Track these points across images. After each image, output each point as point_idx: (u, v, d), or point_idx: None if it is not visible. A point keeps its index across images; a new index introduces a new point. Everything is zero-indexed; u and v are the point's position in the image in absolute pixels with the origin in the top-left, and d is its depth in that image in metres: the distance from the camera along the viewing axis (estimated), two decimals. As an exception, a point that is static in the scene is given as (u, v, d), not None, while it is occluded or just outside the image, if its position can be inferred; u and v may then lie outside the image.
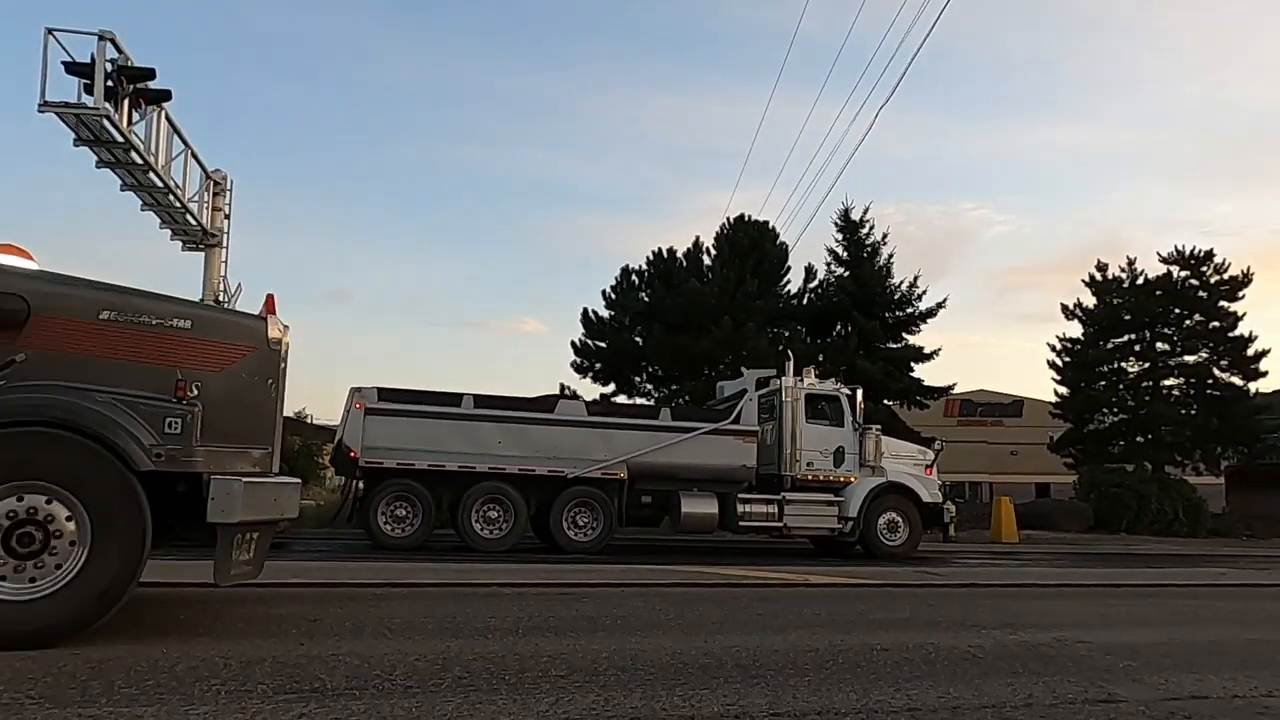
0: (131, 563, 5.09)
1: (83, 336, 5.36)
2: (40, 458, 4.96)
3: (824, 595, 9.08)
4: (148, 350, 5.50)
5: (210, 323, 5.84)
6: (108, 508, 5.02)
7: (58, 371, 5.22)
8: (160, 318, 5.62)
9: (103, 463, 5.03)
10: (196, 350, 5.66)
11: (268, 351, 5.94)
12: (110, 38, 12.81)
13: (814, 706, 4.19)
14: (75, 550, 4.95)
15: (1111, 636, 6.56)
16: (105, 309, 5.45)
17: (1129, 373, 35.72)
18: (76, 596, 4.93)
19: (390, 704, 3.97)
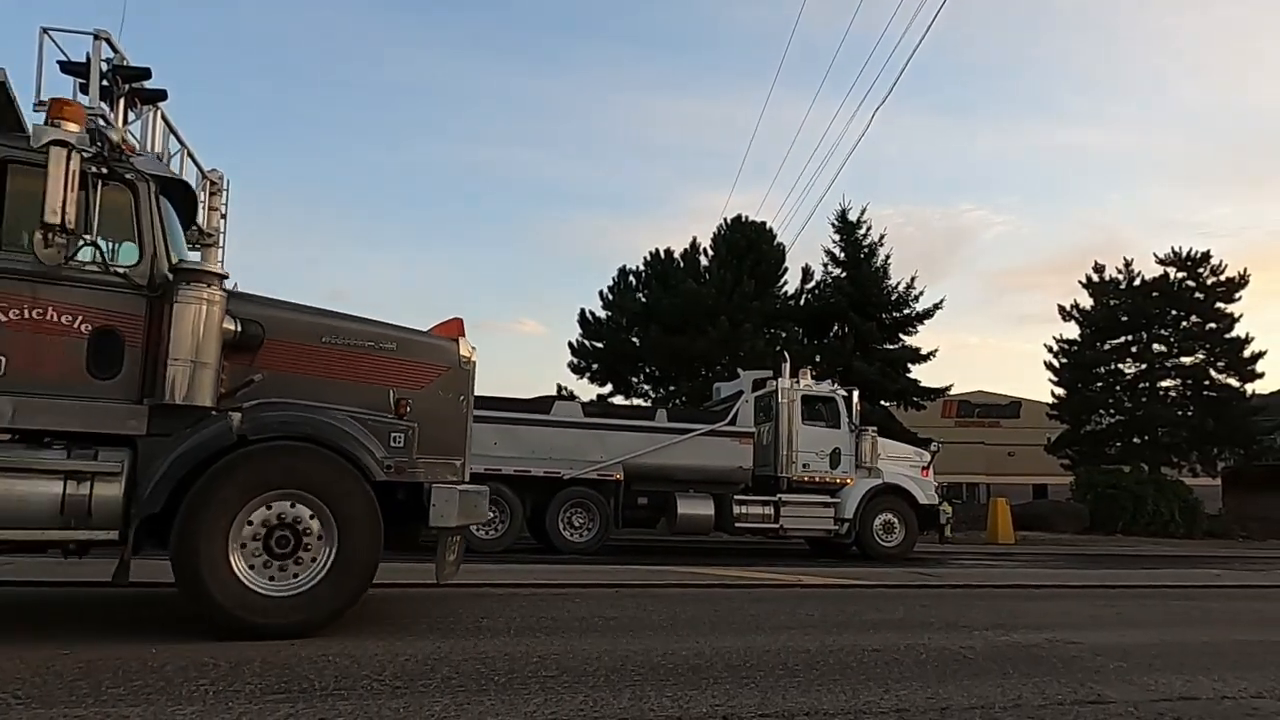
0: (371, 563, 5.71)
1: (308, 358, 5.97)
2: (294, 469, 5.58)
3: (817, 596, 9.09)
4: (363, 370, 6.13)
5: (412, 345, 6.44)
6: (350, 513, 5.63)
7: (288, 390, 5.83)
8: (372, 340, 6.24)
9: (345, 474, 5.67)
10: (403, 370, 6.28)
11: (459, 370, 6.58)
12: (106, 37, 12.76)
13: (803, 707, 4.20)
14: (324, 551, 5.58)
15: (1103, 637, 6.56)
16: (326, 333, 6.08)
17: (1126, 374, 35.74)
18: (325, 592, 5.54)
19: (378, 704, 3.97)
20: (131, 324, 5.46)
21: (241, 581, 5.38)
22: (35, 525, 5.10)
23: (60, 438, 5.25)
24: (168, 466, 5.29)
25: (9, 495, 5.03)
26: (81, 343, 5.32)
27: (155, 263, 5.54)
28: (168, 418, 5.41)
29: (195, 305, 5.42)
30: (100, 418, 5.31)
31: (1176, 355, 35.04)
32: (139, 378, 5.43)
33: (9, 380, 5.12)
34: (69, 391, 5.26)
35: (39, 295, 5.24)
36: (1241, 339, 34.06)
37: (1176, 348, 34.97)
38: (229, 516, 5.37)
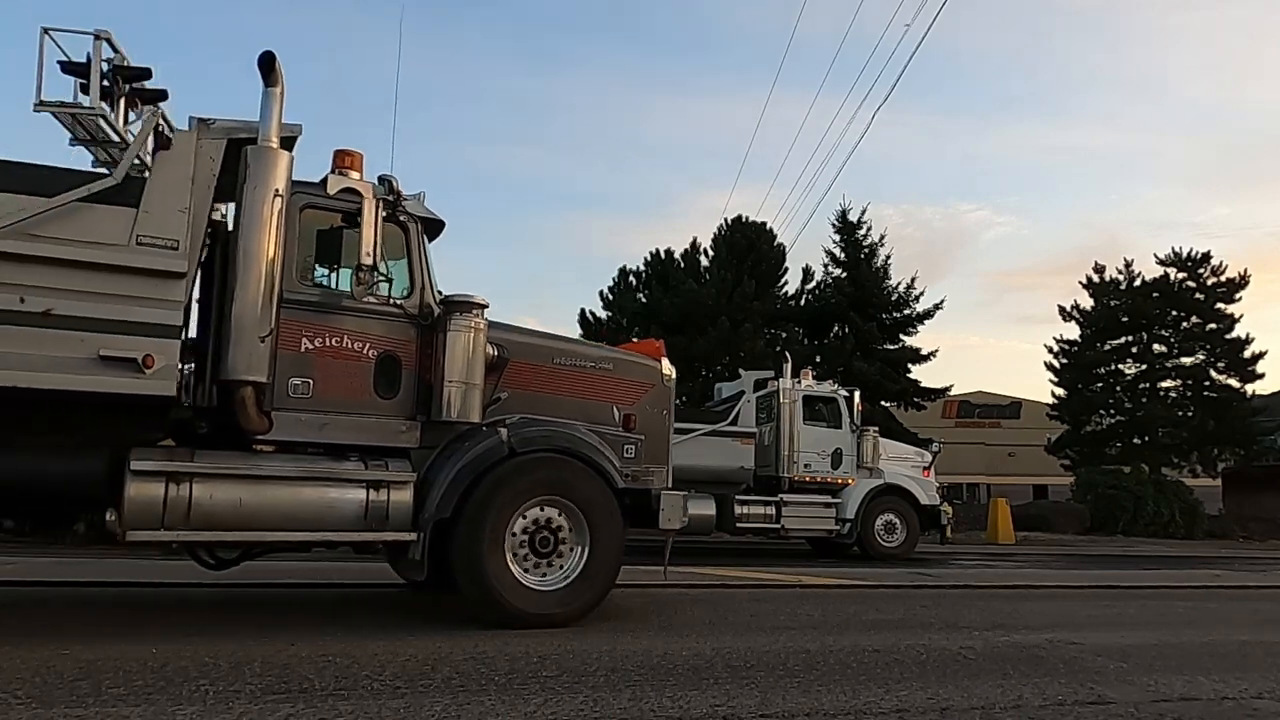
0: (616, 561, 6.44)
1: (543, 378, 6.74)
2: (553, 478, 6.33)
3: (817, 596, 9.09)
4: (589, 388, 6.90)
5: (625, 364, 7.25)
6: (599, 517, 6.38)
7: (527, 407, 6.57)
8: (594, 361, 7.06)
9: (594, 482, 6.42)
10: (620, 387, 7.08)
11: (663, 387, 7.37)
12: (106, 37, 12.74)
13: (803, 708, 4.20)
14: (577, 551, 6.32)
15: (1103, 638, 6.56)
16: (557, 355, 6.89)
17: (1126, 374, 35.71)
18: (580, 587, 6.28)
19: (379, 704, 3.97)
20: (407, 350, 6.22)
21: (515, 577, 6.10)
22: (343, 528, 5.82)
23: (353, 450, 5.98)
24: (454, 475, 6.00)
25: (321, 501, 5.75)
26: (369, 367, 6.08)
27: (424, 294, 6.31)
28: (432, 432, 6.19)
29: (465, 333, 6.17)
30: (387, 433, 6.10)
31: (1177, 356, 35.01)
32: (413, 397, 6.19)
33: (315, 400, 5.86)
34: (360, 410, 6.03)
35: (337, 325, 6.00)
36: (1242, 339, 34.05)
37: (1177, 348, 34.94)
38: (505, 520, 6.11)
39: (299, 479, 5.73)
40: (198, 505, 5.39)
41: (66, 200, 5.12)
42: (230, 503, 5.48)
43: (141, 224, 5.30)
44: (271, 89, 5.72)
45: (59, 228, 5.11)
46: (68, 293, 5.11)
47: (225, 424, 5.75)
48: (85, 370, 5.09)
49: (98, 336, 5.14)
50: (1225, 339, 34.22)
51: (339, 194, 6.01)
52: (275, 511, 5.63)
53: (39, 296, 5.05)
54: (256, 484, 5.61)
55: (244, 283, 5.51)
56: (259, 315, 5.52)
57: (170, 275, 5.32)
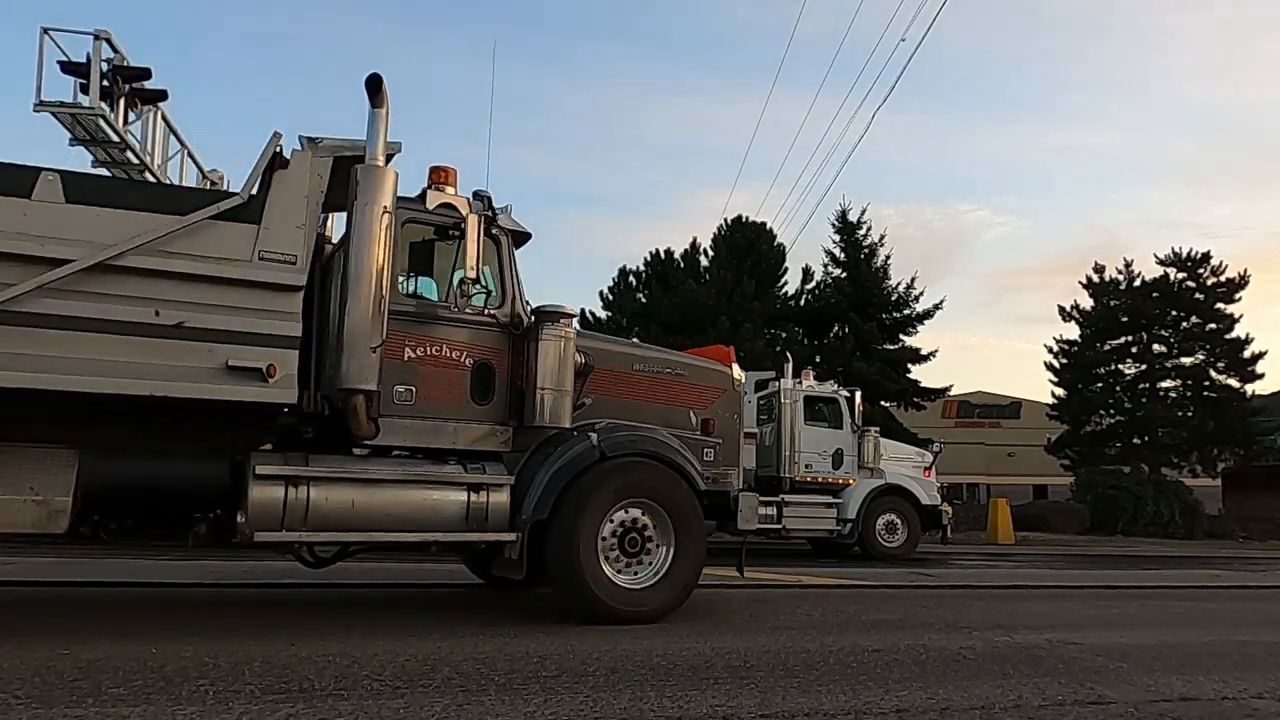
0: (699, 560, 6.73)
1: (624, 384, 7.06)
2: (643, 481, 6.62)
3: (817, 596, 9.09)
4: (666, 393, 7.25)
5: (700, 370, 7.59)
6: (683, 518, 6.67)
7: (609, 412, 6.87)
8: (670, 368, 7.39)
9: (678, 485, 6.72)
10: (695, 393, 7.42)
11: (733, 392, 7.68)
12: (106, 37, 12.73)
13: (803, 708, 4.20)
14: (662, 551, 6.62)
15: (1103, 638, 6.56)
16: (636, 362, 7.24)
17: (1126, 374, 35.71)
18: (666, 585, 6.58)
19: (379, 704, 3.97)
20: (500, 358, 6.51)
21: (607, 575, 6.40)
22: (446, 528, 6.12)
23: (451, 454, 6.27)
24: (550, 478, 6.29)
25: (426, 502, 6.06)
26: (466, 375, 6.37)
27: (514, 304, 6.60)
28: (521, 436, 6.50)
29: (556, 341, 6.43)
30: (483, 438, 6.40)
31: (1177, 356, 35.01)
32: (505, 403, 6.47)
33: (419, 407, 6.16)
34: (458, 415, 6.32)
35: (436, 335, 6.30)
36: (1241, 339, 34.05)
37: (1176, 348, 34.94)
38: (597, 521, 6.39)
39: (406, 482, 6.07)
40: (314, 507, 5.70)
41: (198, 219, 5.36)
42: (344, 505, 5.81)
43: (263, 240, 5.52)
44: (378, 110, 5.90)
45: (188, 244, 5.34)
46: (197, 306, 5.35)
47: (329, 429, 6.06)
48: (214, 379, 5.35)
49: (225, 347, 5.38)
50: (1225, 339, 34.22)
51: (438, 209, 6.33)
52: (385, 513, 5.95)
53: (172, 310, 5.29)
54: (367, 487, 5.94)
55: (356, 295, 5.70)
56: (370, 327, 5.72)
57: (290, 289, 5.58)
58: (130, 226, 5.21)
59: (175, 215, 5.31)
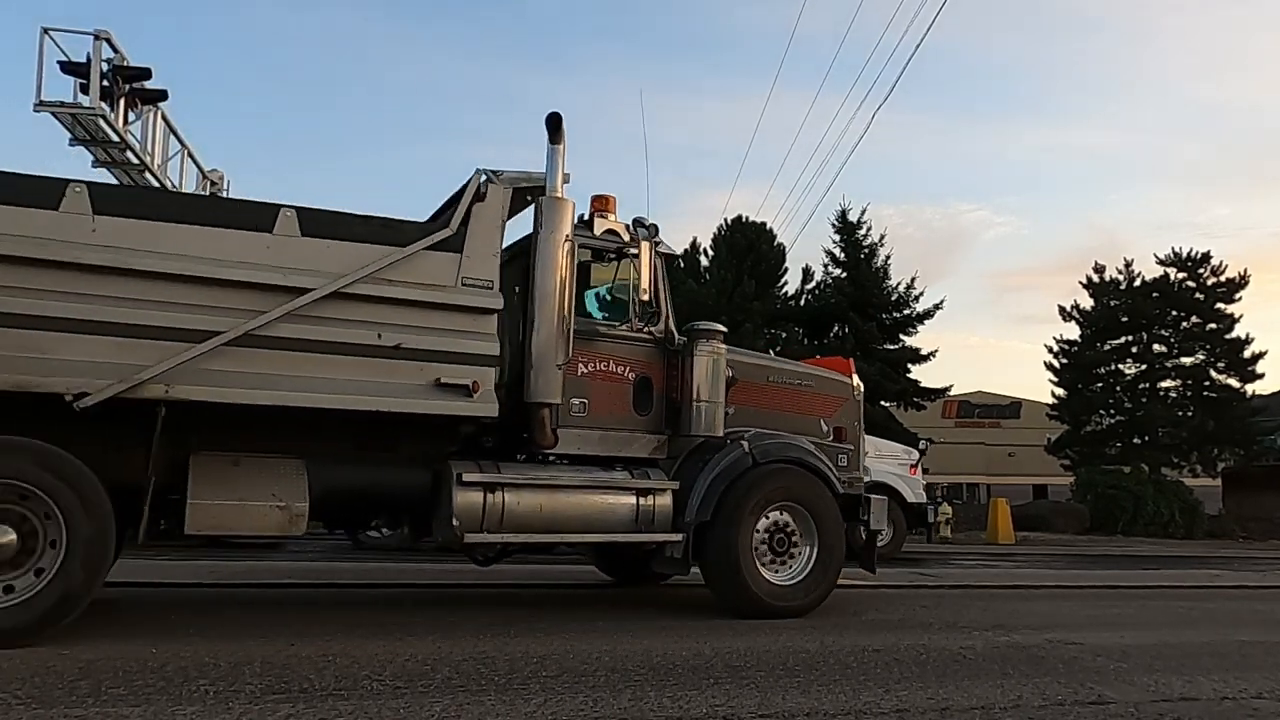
0: (840, 559, 7.24)
1: (761, 395, 7.62)
2: (790, 486, 7.12)
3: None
4: (797, 403, 7.83)
5: (824, 381, 8.21)
6: (825, 520, 7.18)
7: (749, 421, 7.34)
8: (799, 379, 8.02)
9: (820, 489, 7.24)
10: (821, 402, 8.02)
11: (854, 401, 8.31)
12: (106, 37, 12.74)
13: (803, 708, 4.19)
14: (806, 550, 7.12)
15: (1103, 638, 6.56)
16: (771, 374, 7.84)
17: (1126, 374, 35.69)
18: (811, 582, 7.09)
19: (379, 704, 3.97)
20: (657, 372, 7.08)
21: (760, 573, 6.90)
22: (619, 529, 6.72)
23: (617, 461, 6.86)
24: (710, 483, 6.81)
25: (602, 505, 6.67)
26: (630, 388, 6.96)
27: (668, 323, 7.19)
28: (672, 444, 7.09)
29: (709, 357, 7.01)
30: (644, 446, 7.00)
31: (1177, 356, 34.99)
32: (661, 414, 7.06)
33: (590, 418, 6.73)
34: (624, 426, 6.92)
35: (604, 352, 6.87)
36: (1242, 339, 34.04)
37: (1177, 348, 34.93)
38: (753, 523, 6.89)
39: (585, 487, 6.65)
40: (509, 511, 6.29)
41: (416, 249, 5.88)
42: (533, 508, 6.40)
43: (465, 267, 6.03)
44: (556, 146, 6.46)
45: (404, 272, 5.85)
46: (411, 328, 5.85)
47: (507, 438, 6.58)
48: (426, 395, 5.85)
49: (435, 366, 5.89)
50: (1225, 339, 34.21)
51: (603, 235, 6.95)
52: (567, 516, 6.55)
53: (391, 332, 5.79)
54: (553, 492, 6.52)
55: (543, 317, 6.27)
56: (555, 346, 6.27)
57: (487, 311, 6.09)
58: (357, 257, 5.73)
59: (395, 246, 5.84)
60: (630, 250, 6.92)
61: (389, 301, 5.80)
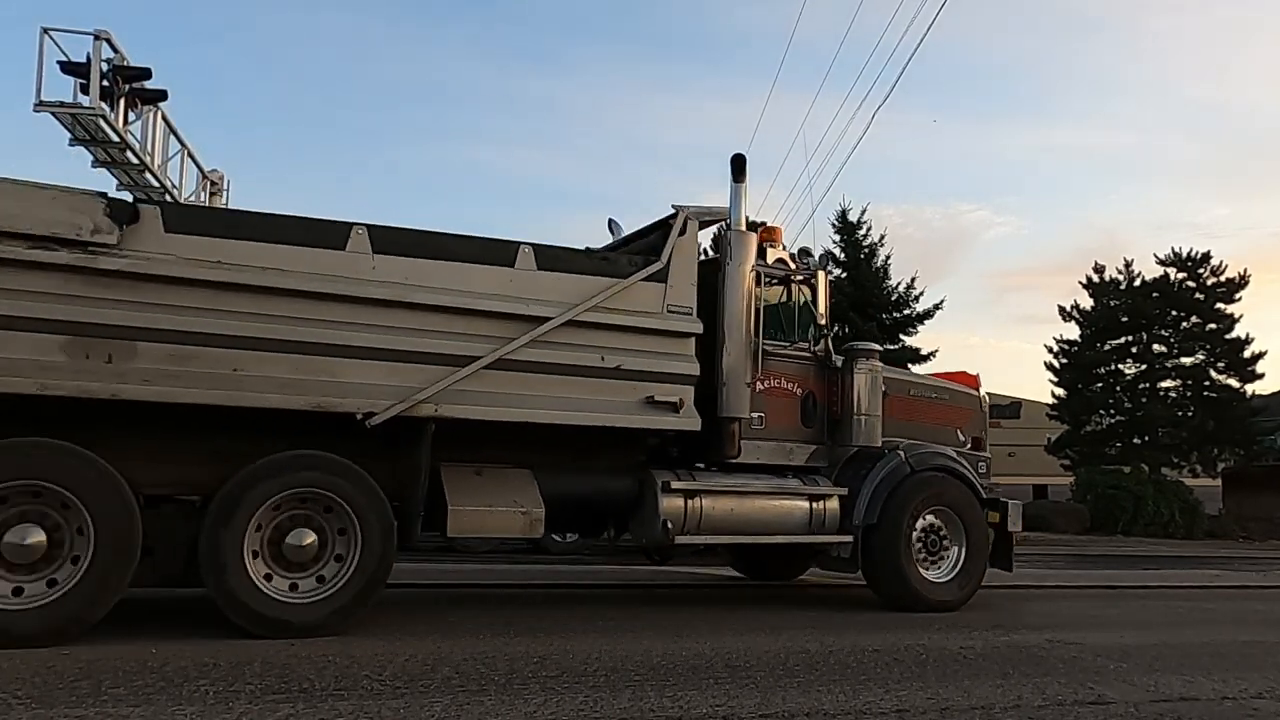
0: (985, 558, 7.90)
1: (905, 407, 8.28)
2: (940, 491, 7.77)
3: (816, 596, 9.09)
4: (935, 415, 8.61)
5: (956, 394, 9.00)
6: (971, 523, 7.81)
7: (895, 432, 7.93)
8: (935, 392, 8.82)
9: (967, 494, 7.90)
10: (955, 413, 8.84)
11: (982, 413, 9.16)
12: (106, 37, 12.74)
13: (803, 708, 4.20)
14: (955, 550, 7.81)
15: (1103, 638, 6.56)
16: (912, 388, 8.59)
17: (1126, 374, 35.64)
18: (961, 579, 7.74)
19: (378, 704, 3.97)
20: (819, 388, 7.80)
21: (919, 571, 7.59)
22: (796, 531, 7.39)
23: (787, 469, 7.54)
24: (874, 489, 7.48)
25: (781, 509, 7.35)
26: (798, 403, 7.67)
27: (827, 341, 7.94)
28: (829, 453, 7.78)
29: (868, 374, 7.80)
30: (809, 455, 7.69)
31: (1177, 356, 34.95)
32: (822, 426, 7.77)
33: (766, 431, 7.40)
34: (793, 437, 7.61)
35: (778, 370, 7.54)
36: (1242, 339, 33.99)
37: (1177, 348, 34.88)
38: (910, 525, 7.55)
39: (767, 493, 7.33)
40: (706, 514, 6.99)
41: (635, 280, 6.56)
42: (725, 512, 7.08)
43: (669, 295, 6.71)
44: (739, 184, 7.34)
45: (621, 301, 6.51)
46: (627, 351, 6.53)
47: (686, 448, 7.20)
48: (640, 411, 6.55)
49: (648, 385, 6.57)
50: (1225, 339, 34.17)
51: (774, 263, 7.69)
52: (754, 519, 7.23)
53: (612, 355, 6.47)
54: (741, 497, 7.19)
55: (733, 340, 7.07)
56: (744, 366, 7.11)
57: (688, 335, 6.77)
58: (584, 288, 6.40)
59: (616, 278, 6.52)
60: (797, 277, 7.75)
61: (610, 328, 6.48)
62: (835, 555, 7.60)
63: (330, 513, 5.76)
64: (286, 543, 5.64)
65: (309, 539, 5.68)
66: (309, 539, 5.68)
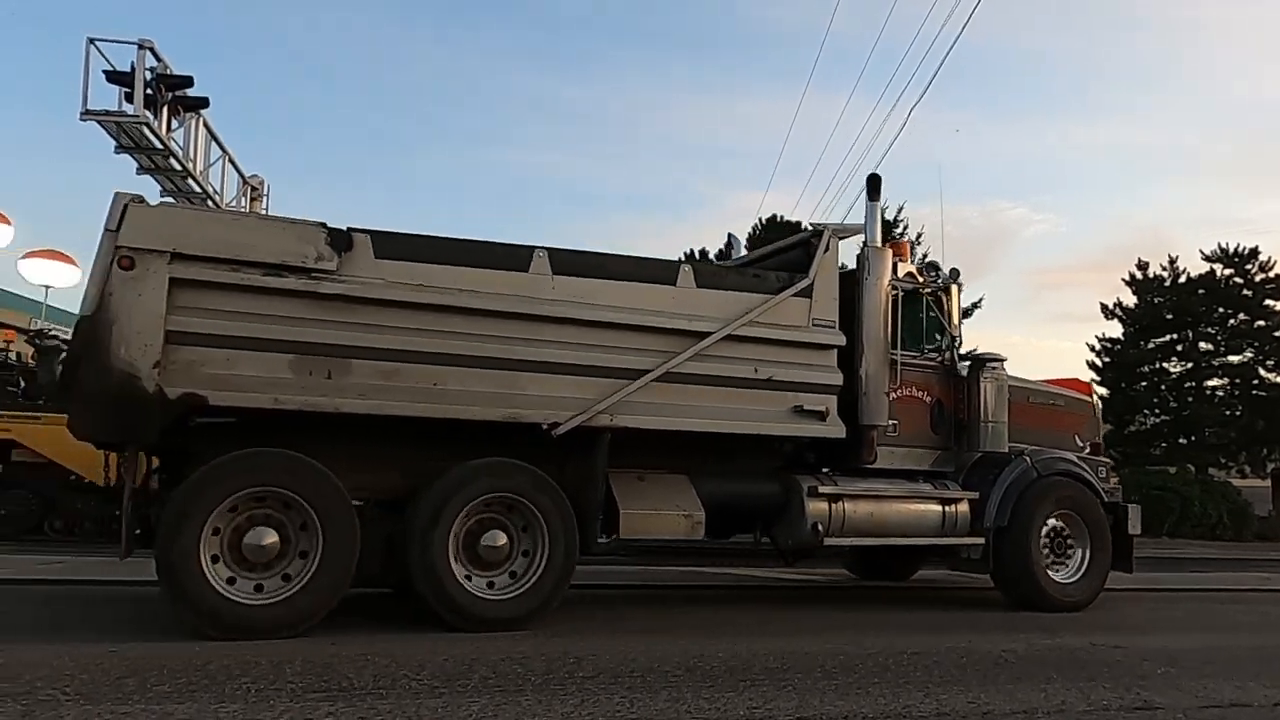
0: (1108, 560, 8.18)
1: (1025, 414, 8.39)
2: (1065, 495, 8.02)
3: (855, 597, 9.02)
4: (1052, 420, 8.78)
5: (1071, 401, 9.25)
6: (1096, 526, 8.13)
7: (1016, 438, 8.09)
8: (1051, 398, 9.00)
9: (1091, 498, 8.16)
10: (1070, 419, 9.06)
11: (1095, 418, 9.52)
12: (150, 46, 12.99)
13: (841, 711, 4.16)
14: (1079, 553, 8.08)
15: (1149, 642, 6.43)
16: (1030, 395, 8.70)
17: (1171, 373, 34.91)
18: (1086, 581, 8.05)
19: (417, 703, 4.00)
20: (946, 395, 8.06)
21: (1046, 572, 7.85)
22: (930, 534, 7.68)
23: (917, 474, 7.78)
24: (1004, 493, 7.73)
25: (916, 513, 7.63)
26: (927, 410, 7.92)
27: (954, 350, 8.19)
28: (955, 458, 8.01)
29: (994, 382, 8.02)
30: (938, 460, 7.96)
31: (1224, 353, 34.15)
32: (949, 431, 8.03)
33: (900, 438, 7.64)
34: (923, 443, 7.89)
35: (909, 379, 7.78)
36: (1291, 337, 33.15)
37: (1224, 346, 34.09)
38: (1038, 528, 7.81)
39: (903, 497, 7.58)
40: (849, 517, 7.26)
41: (786, 296, 6.89)
42: (865, 515, 7.35)
43: (814, 310, 7.02)
44: (874, 203, 7.71)
45: (773, 315, 6.83)
46: (777, 363, 6.84)
47: (825, 454, 7.44)
48: (790, 420, 6.85)
49: (796, 394, 6.87)
50: (1274, 336, 33.29)
51: (904, 277, 7.94)
52: (891, 521, 7.48)
53: (764, 367, 6.78)
54: (879, 501, 7.44)
55: (872, 351, 7.35)
56: (884, 375, 7.38)
57: (831, 347, 7.10)
58: (739, 304, 6.75)
59: (768, 294, 6.85)
60: (926, 290, 8.03)
61: (762, 341, 6.79)
62: (965, 556, 7.88)
63: (513, 511, 6.17)
64: (481, 544, 6.04)
65: (501, 540, 6.09)
66: (501, 540, 6.09)
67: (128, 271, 5.36)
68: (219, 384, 5.51)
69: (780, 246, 8.24)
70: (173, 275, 5.43)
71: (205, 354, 5.52)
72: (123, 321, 5.34)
